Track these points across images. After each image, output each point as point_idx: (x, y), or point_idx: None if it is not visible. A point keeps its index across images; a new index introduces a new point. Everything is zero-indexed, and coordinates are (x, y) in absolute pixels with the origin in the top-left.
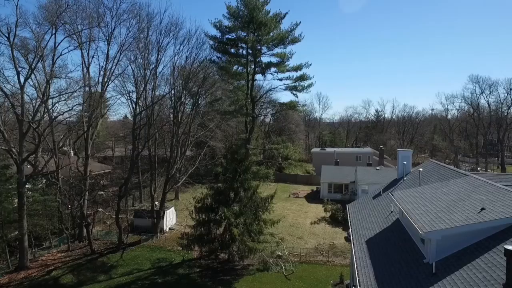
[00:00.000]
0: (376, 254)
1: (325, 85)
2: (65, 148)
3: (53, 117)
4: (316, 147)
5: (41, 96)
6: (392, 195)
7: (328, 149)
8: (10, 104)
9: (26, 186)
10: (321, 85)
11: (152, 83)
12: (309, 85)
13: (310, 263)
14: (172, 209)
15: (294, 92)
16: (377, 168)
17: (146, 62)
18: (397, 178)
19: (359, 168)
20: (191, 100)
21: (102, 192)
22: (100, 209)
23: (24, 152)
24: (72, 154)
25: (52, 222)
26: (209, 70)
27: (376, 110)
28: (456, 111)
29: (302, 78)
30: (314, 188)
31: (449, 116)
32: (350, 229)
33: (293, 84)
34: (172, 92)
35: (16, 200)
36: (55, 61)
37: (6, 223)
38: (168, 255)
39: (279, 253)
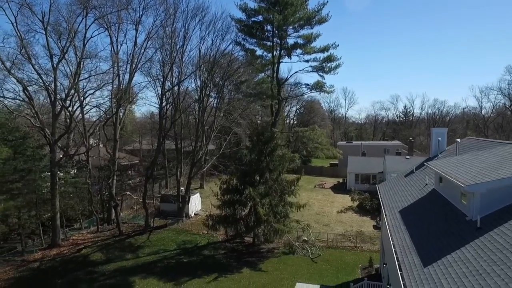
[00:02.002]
0: (410, 220)
1: (351, 79)
2: (97, 133)
3: (83, 98)
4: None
5: (73, 77)
6: (428, 163)
7: (355, 142)
8: (43, 85)
9: (58, 173)
10: (347, 80)
11: (179, 63)
12: (337, 66)
13: (337, 248)
14: (198, 195)
15: (321, 73)
16: (407, 157)
17: (172, 44)
18: (430, 157)
19: (388, 157)
20: (216, 85)
21: (130, 182)
22: (128, 193)
23: (56, 133)
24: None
25: (83, 204)
26: (234, 54)
27: (405, 106)
28: (491, 103)
29: (329, 59)
30: (340, 180)
31: (483, 111)
32: (382, 204)
33: (319, 65)
34: (198, 73)
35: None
36: (86, 43)
37: (40, 202)
38: (194, 238)
39: (305, 238)
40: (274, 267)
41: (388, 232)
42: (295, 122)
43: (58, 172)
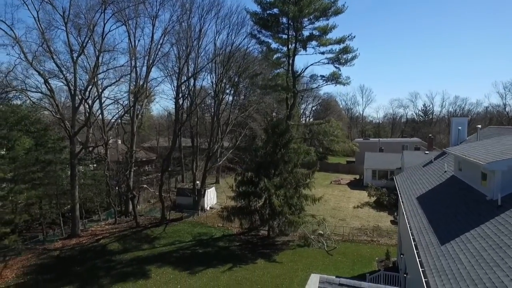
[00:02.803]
0: (428, 204)
1: (368, 77)
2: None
3: (101, 91)
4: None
5: (91, 71)
6: (448, 149)
7: (372, 139)
8: (63, 78)
9: (78, 167)
10: (364, 77)
11: (194, 55)
12: (353, 58)
13: (354, 242)
14: (213, 188)
15: (337, 65)
16: (426, 152)
17: (188, 38)
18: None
19: (406, 152)
20: (231, 80)
21: (147, 177)
22: (145, 185)
23: (76, 126)
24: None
25: (101, 196)
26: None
27: (424, 105)
28: None
29: (345, 50)
30: (357, 176)
31: (507, 108)
32: (399, 193)
33: (335, 56)
34: (213, 66)
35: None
36: (104, 37)
37: (60, 193)
38: (209, 230)
39: (321, 231)
40: (289, 258)
41: (405, 215)
42: (311, 120)
43: (78, 166)
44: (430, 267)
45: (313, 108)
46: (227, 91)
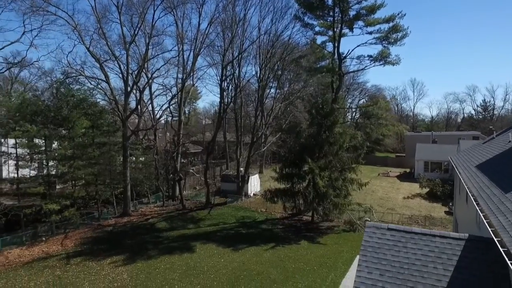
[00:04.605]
0: (488, 168)
1: (420, 70)
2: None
3: (151, 75)
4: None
5: (142, 57)
6: None
7: (424, 132)
8: (117, 61)
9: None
10: (415, 70)
11: (239, 40)
12: (403, 36)
13: None
14: (257, 176)
15: (386, 44)
16: (485, 141)
17: (233, 21)
18: None
19: (463, 141)
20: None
21: (193, 168)
22: (191, 170)
23: (128, 109)
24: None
25: (150, 180)
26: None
27: (484, 100)
28: None
29: (395, 29)
30: (407, 170)
31: None
32: (454, 166)
33: (384, 35)
34: (257, 50)
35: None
36: (154, 23)
37: (114, 172)
38: (252, 214)
39: (367, 218)
40: (334, 241)
41: (462, 180)
42: (358, 115)
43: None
44: (493, 210)
45: (360, 102)
46: (270, 84)
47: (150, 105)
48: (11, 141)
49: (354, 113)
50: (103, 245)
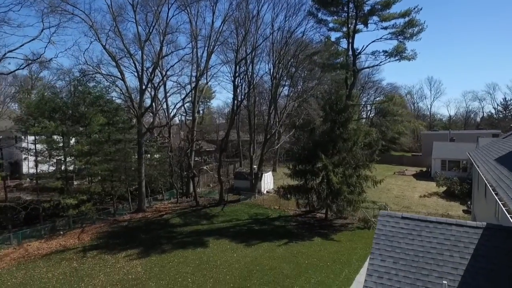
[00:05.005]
0: (508, 161)
1: (438, 67)
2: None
3: (165, 72)
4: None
5: (157, 54)
6: None
7: (441, 131)
8: (132, 59)
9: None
10: (432, 68)
11: (253, 38)
12: (419, 31)
13: None
14: (270, 173)
15: (401, 39)
16: (504, 137)
17: (246, 15)
18: None
19: (482, 139)
20: (288, 67)
21: (207, 166)
22: (205, 167)
23: (143, 107)
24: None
25: (164, 177)
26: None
27: (504, 98)
28: None
29: (411, 24)
30: (423, 169)
31: None
32: (472, 160)
33: (400, 30)
34: (270, 46)
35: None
36: (168, 21)
37: (129, 169)
38: (265, 211)
39: None
40: (347, 238)
41: (480, 173)
42: (373, 113)
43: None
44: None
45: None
46: (283, 82)
47: (165, 103)
48: (31, 138)
49: (369, 112)
50: (118, 239)
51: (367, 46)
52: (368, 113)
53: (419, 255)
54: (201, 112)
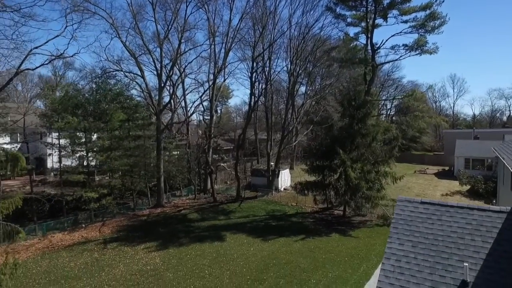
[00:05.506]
0: None
1: (461, 64)
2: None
3: (183, 69)
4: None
5: (175, 51)
6: None
7: (465, 129)
8: (151, 55)
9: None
10: (455, 65)
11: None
12: (441, 24)
13: None
14: (287, 170)
15: (422, 32)
16: None
17: (263, 9)
18: None
19: (508, 136)
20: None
21: (224, 164)
22: (222, 164)
23: (162, 103)
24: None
25: (182, 174)
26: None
27: None
28: None
29: (432, 16)
30: (446, 168)
31: None
32: (498, 155)
33: (421, 23)
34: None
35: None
36: (187, 18)
37: (148, 164)
38: (282, 208)
39: None
40: (366, 235)
41: (505, 164)
42: (393, 112)
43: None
44: None
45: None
46: (301, 80)
47: (183, 101)
48: (55, 134)
49: (389, 110)
50: (138, 232)
51: (386, 40)
52: (388, 112)
53: (438, 239)
54: (219, 111)
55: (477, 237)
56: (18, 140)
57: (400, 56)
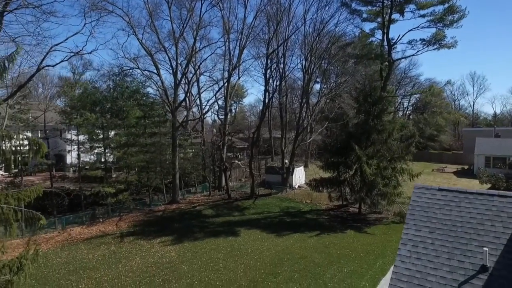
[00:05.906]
0: None
1: (481, 61)
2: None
3: (198, 67)
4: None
5: (190, 49)
6: None
7: (485, 128)
8: (166, 53)
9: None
10: (475, 63)
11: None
12: (460, 18)
13: None
14: (302, 168)
15: (440, 26)
16: None
17: (278, 6)
18: None
19: None
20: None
21: (239, 162)
22: (237, 161)
23: (177, 101)
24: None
25: (197, 170)
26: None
27: None
28: None
29: (451, 10)
30: (465, 167)
31: None
32: None
33: (439, 17)
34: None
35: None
36: (202, 16)
37: (164, 161)
38: (297, 205)
39: None
40: (382, 231)
41: None
42: (410, 110)
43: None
44: None
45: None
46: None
47: (198, 99)
48: (74, 132)
49: (406, 109)
50: (154, 227)
51: (403, 35)
52: (405, 110)
53: (457, 225)
54: (233, 111)
55: (497, 223)
56: (39, 136)
57: (418, 51)
